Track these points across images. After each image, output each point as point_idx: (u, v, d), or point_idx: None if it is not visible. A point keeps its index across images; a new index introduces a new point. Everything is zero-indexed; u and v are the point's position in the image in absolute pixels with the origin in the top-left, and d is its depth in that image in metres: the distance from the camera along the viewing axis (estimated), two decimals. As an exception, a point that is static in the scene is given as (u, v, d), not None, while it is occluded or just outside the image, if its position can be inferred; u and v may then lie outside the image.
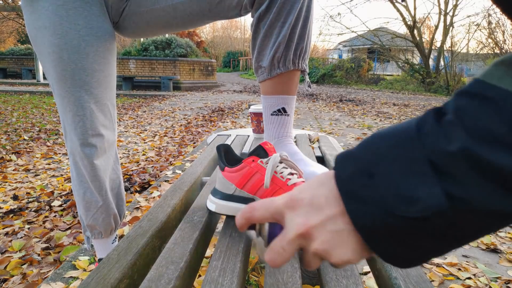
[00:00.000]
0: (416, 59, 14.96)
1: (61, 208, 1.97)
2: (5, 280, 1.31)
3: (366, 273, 1.34)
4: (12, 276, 1.34)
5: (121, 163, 2.90)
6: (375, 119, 5.42)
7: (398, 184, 0.26)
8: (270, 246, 0.34)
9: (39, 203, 2.03)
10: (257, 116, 1.31)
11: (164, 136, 4.08)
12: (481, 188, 0.24)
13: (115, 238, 1.10)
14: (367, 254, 0.31)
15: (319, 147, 1.21)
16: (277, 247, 0.33)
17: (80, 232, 1.67)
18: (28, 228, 1.72)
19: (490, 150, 0.23)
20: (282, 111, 0.90)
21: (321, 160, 1.08)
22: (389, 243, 0.28)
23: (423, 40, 13.14)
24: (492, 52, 11.56)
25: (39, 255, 1.48)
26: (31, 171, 2.67)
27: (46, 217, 1.86)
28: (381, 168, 0.27)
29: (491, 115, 0.24)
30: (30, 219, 1.83)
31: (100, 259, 1.11)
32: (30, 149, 3.32)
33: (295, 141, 1.31)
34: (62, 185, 2.35)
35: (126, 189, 2.26)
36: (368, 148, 0.29)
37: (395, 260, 0.29)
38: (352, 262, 0.31)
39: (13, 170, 2.68)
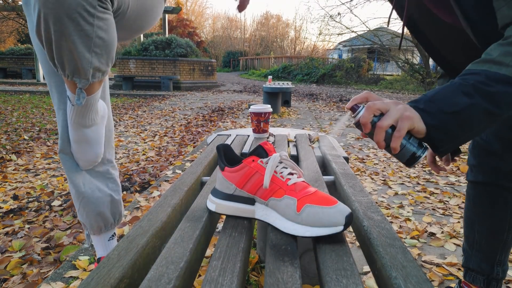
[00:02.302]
0: (416, 59, 14.96)
1: (61, 208, 1.97)
2: (5, 280, 1.31)
3: (366, 273, 1.34)
4: (12, 276, 1.34)
5: (121, 163, 2.90)
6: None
7: (446, 98, 0.57)
8: (378, 123, 0.57)
9: (39, 203, 2.03)
10: (257, 116, 1.31)
11: (164, 136, 4.08)
12: (482, 100, 0.55)
13: (112, 236, 1.10)
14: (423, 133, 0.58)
15: (319, 147, 1.21)
16: (384, 123, 0.57)
17: (80, 232, 1.67)
18: (28, 228, 1.72)
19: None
20: None
21: (321, 160, 1.08)
22: (441, 135, 0.57)
23: (423, 40, 13.07)
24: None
25: (39, 255, 1.48)
26: (31, 171, 2.67)
27: (46, 217, 1.86)
28: (435, 96, 0.58)
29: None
30: (30, 219, 1.83)
31: (99, 258, 1.11)
32: (30, 149, 3.32)
33: (295, 141, 1.31)
34: (62, 185, 2.34)
35: (126, 189, 2.26)
36: (429, 93, 0.60)
37: (440, 143, 0.58)
38: (418, 126, 0.57)
39: (13, 170, 2.68)
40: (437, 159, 1.08)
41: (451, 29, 0.82)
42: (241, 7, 1.07)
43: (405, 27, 0.88)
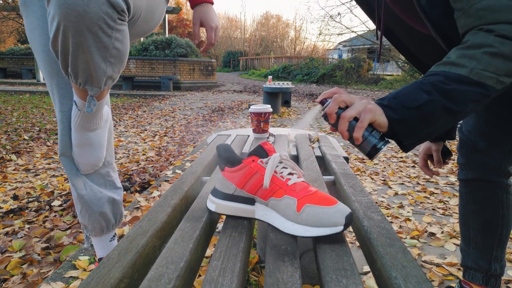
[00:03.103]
0: (416, 59, 14.92)
1: (61, 208, 1.97)
2: (5, 280, 1.31)
3: (366, 273, 1.34)
4: (12, 276, 1.34)
5: (121, 163, 2.90)
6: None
7: (407, 95, 0.61)
8: (343, 113, 0.62)
9: (39, 203, 2.03)
10: (257, 116, 1.31)
11: (164, 136, 4.08)
12: (439, 96, 0.60)
13: (113, 236, 1.11)
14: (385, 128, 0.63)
15: (319, 147, 1.21)
16: (347, 113, 0.62)
17: (80, 232, 1.67)
18: (28, 228, 1.72)
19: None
20: None
21: (321, 160, 1.08)
22: (401, 125, 0.61)
23: (423, 40, 13.08)
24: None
25: (39, 255, 1.48)
26: (31, 171, 2.67)
27: (46, 217, 1.86)
28: (399, 93, 0.63)
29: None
30: (30, 219, 1.83)
31: (100, 259, 1.11)
32: (30, 149, 3.32)
33: (295, 141, 1.31)
34: (62, 185, 2.35)
35: (126, 189, 2.26)
36: (394, 92, 0.64)
37: (402, 137, 0.63)
38: (381, 127, 0.62)
39: (13, 170, 2.68)
40: (429, 163, 1.09)
41: (426, 37, 0.86)
42: (204, 49, 1.16)
43: (383, 36, 0.94)
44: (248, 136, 1.39)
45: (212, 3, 1.14)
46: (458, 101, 0.59)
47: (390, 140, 0.64)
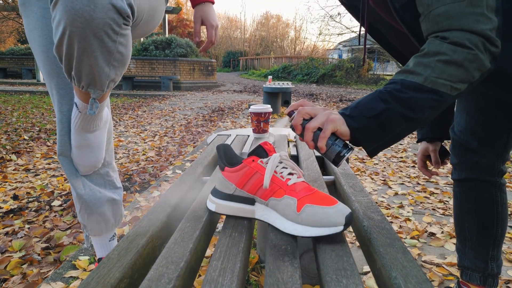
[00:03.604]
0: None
1: (61, 208, 1.97)
2: (5, 280, 1.31)
3: (366, 273, 1.34)
4: (12, 276, 1.34)
5: (121, 163, 2.90)
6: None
7: (367, 104, 0.64)
8: (307, 125, 0.65)
9: (39, 203, 2.03)
10: (257, 116, 1.31)
11: (164, 136, 4.08)
12: (396, 104, 0.62)
13: (113, 236, 1.11)
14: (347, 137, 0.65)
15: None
16: (311, 125, 0.64)
17: (80, 232, 1.67)
18: (28, 228, 1.72)
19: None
20: None
21: (321, 159, 1.08)
22: (361, 133, 0.63)
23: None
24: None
25: (39, 255, 1.48)
26: (31, 171, 2.67)
27: (46, 217, 1.86)
28: (359, 103, 0.65)
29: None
30: (30, 219, 1.83)
31: (100, 259, 1.11)
32: (30, 149, 3.32)
33: (295, 141, 1.31)
34: (62, 185, 2.35)
35: (126, 189, 2.26)
36: (356, 101, 0.66)
37: (364, 144, 0.65)
38: (343, 135, 0.64)
39: (13, 170, 2.68)
40: (428, 163, 1.10)
41: (406, 34, 0.87)
42: (204, 47, 1.16)
43: (367, 34, 0.97)
44: (248, 136, 1.39)
45: (213, 3, 1.14)
46: (414, 108, 0.61)
47: (353, 147, 0.67)
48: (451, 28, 0.61)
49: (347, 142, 0.66)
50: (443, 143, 1.06)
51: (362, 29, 0.97)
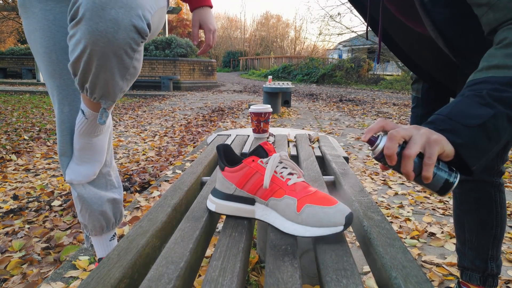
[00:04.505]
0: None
1: (61, 208, 1.97)
2: (5, 280, 1.31)
3: (366, 273, 1.34)
4: (12, 276, 1.34)
5: (121, 163, 2.90)
6: (375, 119, 5.42)
7: (465, 113, 0.54)
8: (405, 152, 0.54)
9: (39, 203, 2.03)
10: (257, 116, 1.31)
11: (164, 136, 4.08)
12: (502, 107, 0.53)
13: (113, 236, 1.11)
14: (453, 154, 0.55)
15: (319, 147, 1.21)
16: (412, 151, 0.53)
17: (80, 232, 1.67)
18: (28, 228, 1.72)
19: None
20: None
21: (321, 160, 1.08)
22: (468, 149, 0.54)
23: (423, 40, 13.05)
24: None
25: (39, 255, 1.48)
26: (31, 171, 2.67)
27: (46, 217, 1.86)
28: (451, 113, 0.56)
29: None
30: (30, 219, 1.83)
31: (100, 259, 1.11)
32: (30, 149, 3.32)
33: (295, 141, 1.31)
34: (62, 185, 2.34)
35: (126, 189, 2.26)
36: (442, 112, 0.57)
37: (471, 160, 0.54)
38: (448, 156, 0.54)
39: (13, 170, 2.68)
40: None
41: (421, 36, 0.84)
42: (202, 50, 1.16)
43: (370, 28, 0.93)
44: (248, 136, 1.39)
45: (211, 7, 1.14)
46: None
47: (459, 172, 0.56)
48: None
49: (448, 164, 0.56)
50: None
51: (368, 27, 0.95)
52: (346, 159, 1.04)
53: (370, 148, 0.58)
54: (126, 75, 0.77)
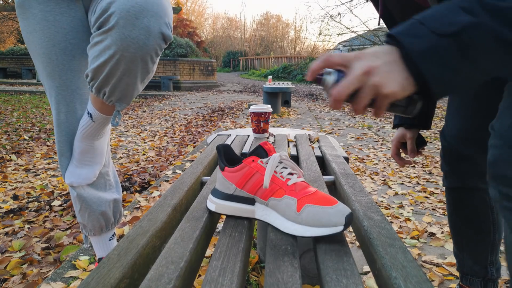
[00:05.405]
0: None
1: (61, 208, 1.97)
2: (5, 280, 1.31)
3: (366, 273, 1.34)
4: (12, 276, 1.34)
5: (121, 163, 2.90)
6: (375, 119, 5.42)
7: (440, 17, 0.43)
8: (338, 84, 0.45)
9: (39, 203, 2.03)
10: (257, 116, 1.31)
11: (164, 136, 4.08)
12: (490, 18, 0.40)
13: (112, 236, 1.11)
14: (410, 88, 0.45)
15: (319, 147, 1.21)
16: (345, 83, 0.45)
17: (80, 232, 1.67)
18: (28, 228, 1.72)
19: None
20: None
21: (321, 160, 1.08)
22: (434, 65, 0.42)
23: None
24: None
25: (39, 255, 1.48)
26: (31, 171, 2.67)
27: (46, 217, 1.86)
28: (425, 16, 0.44)
29: None
30: (30, 219, 1.83)
31: (100, 259, 1.11)
32: (30, 149, 3.32)
33: (295, 141, 1.31)
34: (62, 185, 2.34)
35: (126, 189, 2.26)
36: (420, 15, 0.45)
37: (439, 82, 0.43)
38: (398, 96, 0.44)
39: (13, 170, 2.68)
40: (401, 151, 1.06)
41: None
42: None
43: (381, 19, 0.87)
44: (248, 136, 1.39)
45: None
46: None
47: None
48: None
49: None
50: (420, 132, 1.00)
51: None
52: (346, 159, 1.04)
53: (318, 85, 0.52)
54: (145, 78, 0.80)
